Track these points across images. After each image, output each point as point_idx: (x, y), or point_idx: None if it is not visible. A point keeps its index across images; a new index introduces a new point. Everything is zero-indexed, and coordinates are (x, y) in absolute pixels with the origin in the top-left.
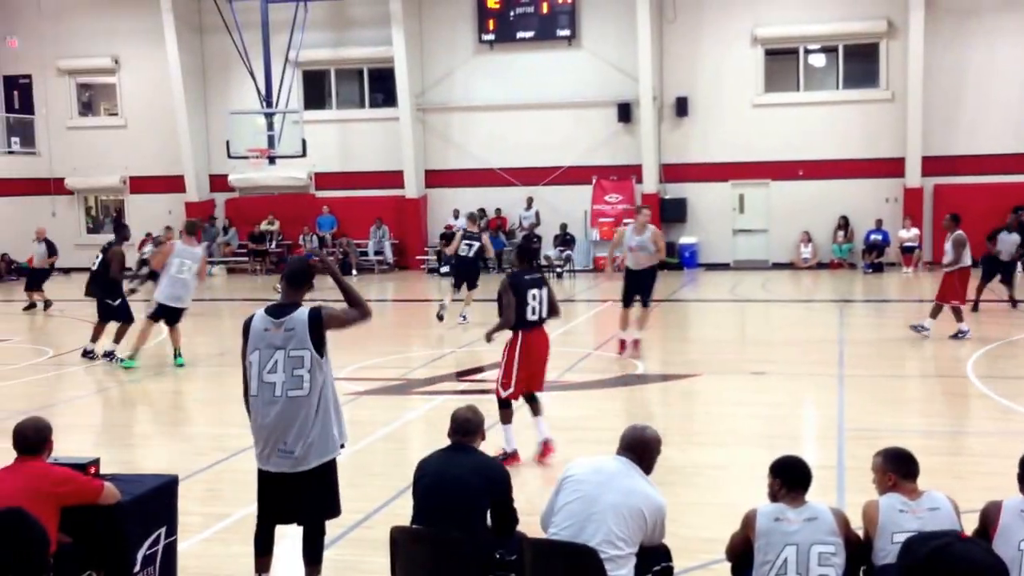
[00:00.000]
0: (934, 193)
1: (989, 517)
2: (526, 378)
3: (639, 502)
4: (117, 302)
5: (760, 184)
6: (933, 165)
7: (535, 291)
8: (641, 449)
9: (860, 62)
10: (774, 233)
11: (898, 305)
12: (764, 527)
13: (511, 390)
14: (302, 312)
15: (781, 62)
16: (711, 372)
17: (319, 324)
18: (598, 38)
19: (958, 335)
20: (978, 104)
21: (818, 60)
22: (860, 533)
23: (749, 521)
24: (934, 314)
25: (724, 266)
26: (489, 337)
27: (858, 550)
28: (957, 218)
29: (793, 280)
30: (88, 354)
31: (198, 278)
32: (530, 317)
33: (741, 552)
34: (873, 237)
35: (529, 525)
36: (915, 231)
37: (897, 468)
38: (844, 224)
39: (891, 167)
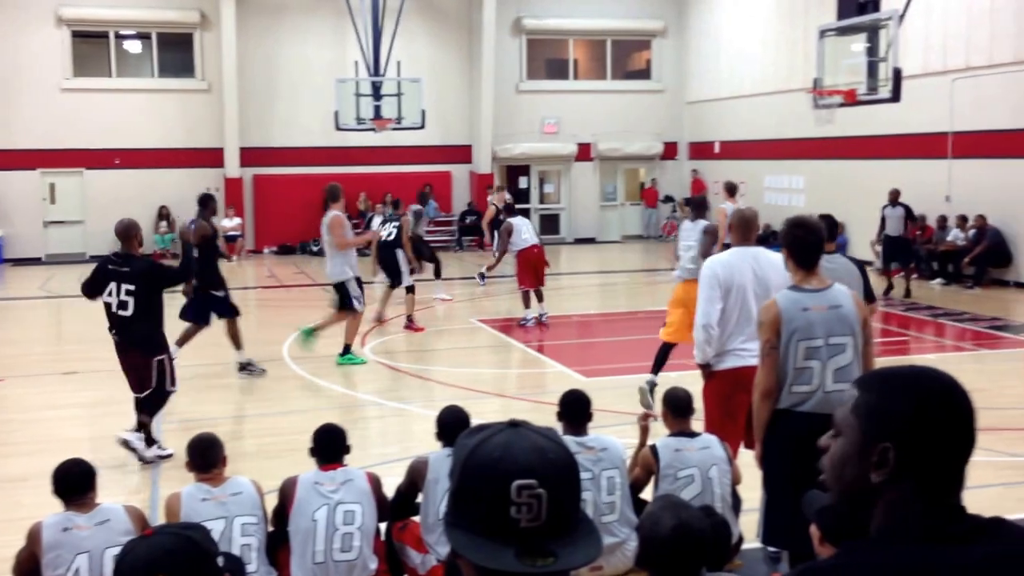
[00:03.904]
0: (253, 183)
1: (286, 492)
2: None
3: None
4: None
5: (73, 173)
6: (251, 156)
7: None
8: None
9: (176, 51)
10: (91, 225)
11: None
12: (51, 539)
13: None
14: None
15: (93, 46)
16: (16, 376)
17: None
18: None
19: (524, 322)
20: (291, 99)
21: (133, 46)
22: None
23: (34, 535)
24: None
25: (36, 260)
26: None
27: None
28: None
29: None
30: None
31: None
32: None
33: (28, 569)
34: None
35: None
36: (237, 220)
37: (192, 460)
38: (166, 214)
39: (211, 157)
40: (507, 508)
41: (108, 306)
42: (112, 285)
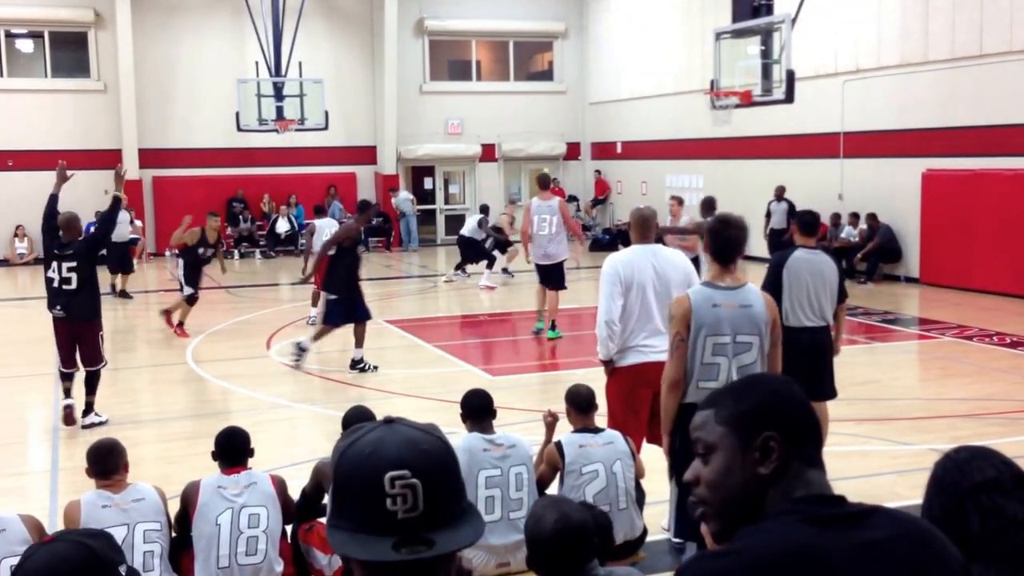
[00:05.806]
0: (153, 185)
1: (188, 497)
2: None
3: None
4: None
5: None
6: (150, 157)
7: None
8: None
9: (70, 50)
10: None
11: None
12: None
13: None
14: None
15: None
16: None
17: None
18: None
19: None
20: (190, 99)
21: (25, 45)
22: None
23: None
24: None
25: None
26: None
27: None
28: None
29: (9, 277)
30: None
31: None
32: None
33: None
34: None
35: None
36: (138, 223)
37: (92, 467)
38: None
39: (109, 159)
40: (383, 501)
41: (51, 281)
42: (54, 263)
